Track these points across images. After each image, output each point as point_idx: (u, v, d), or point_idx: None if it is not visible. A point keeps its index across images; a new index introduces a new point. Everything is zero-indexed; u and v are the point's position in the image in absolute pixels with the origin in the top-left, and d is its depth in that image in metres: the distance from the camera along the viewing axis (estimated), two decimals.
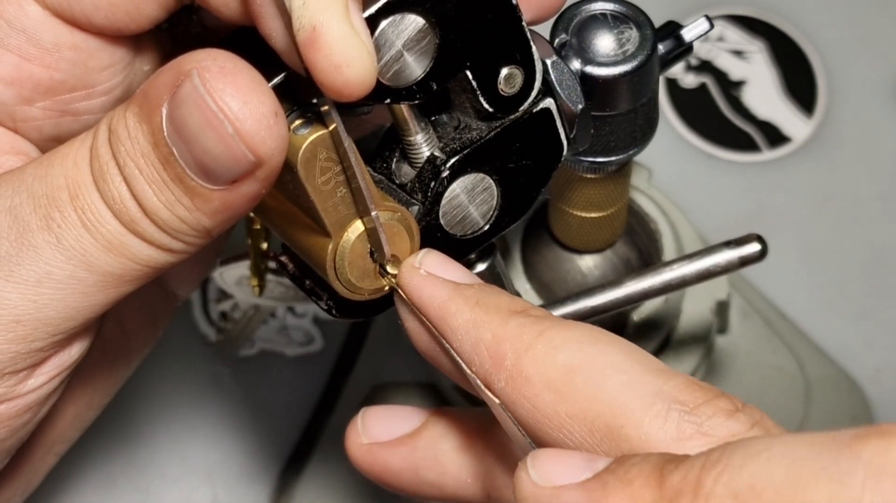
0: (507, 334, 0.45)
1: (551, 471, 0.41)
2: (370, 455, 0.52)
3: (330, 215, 0.47)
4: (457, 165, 0.50)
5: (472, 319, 0.45)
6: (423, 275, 0.48)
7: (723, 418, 0.41)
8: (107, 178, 0.45)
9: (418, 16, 0.46)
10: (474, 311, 0.46)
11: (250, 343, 0.84)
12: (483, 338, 0.45)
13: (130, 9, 0.48)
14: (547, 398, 0.43)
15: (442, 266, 0.48)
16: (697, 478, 0.38)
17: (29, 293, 0.46)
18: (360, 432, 0.52)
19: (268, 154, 0.43)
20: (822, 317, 0.85)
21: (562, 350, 0.44)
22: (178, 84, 0.43)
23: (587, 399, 0.43)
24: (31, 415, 0.50)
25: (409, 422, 0.52)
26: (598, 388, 0.43)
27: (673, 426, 0.41)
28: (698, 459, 0.39)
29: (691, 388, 0.42)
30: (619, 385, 0.43)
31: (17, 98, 0.50)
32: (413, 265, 0.48)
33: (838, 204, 0.89)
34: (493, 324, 0.45)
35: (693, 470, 0.38)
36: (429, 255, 0.49)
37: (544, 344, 0.44)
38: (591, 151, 0.57)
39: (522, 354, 0.44)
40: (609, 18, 0.55)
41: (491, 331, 0.45)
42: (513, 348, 0.44)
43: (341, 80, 0.42)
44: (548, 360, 0.44)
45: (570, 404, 0.43)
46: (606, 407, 0.43)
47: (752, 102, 0.93)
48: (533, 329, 0.45)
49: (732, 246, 0.60)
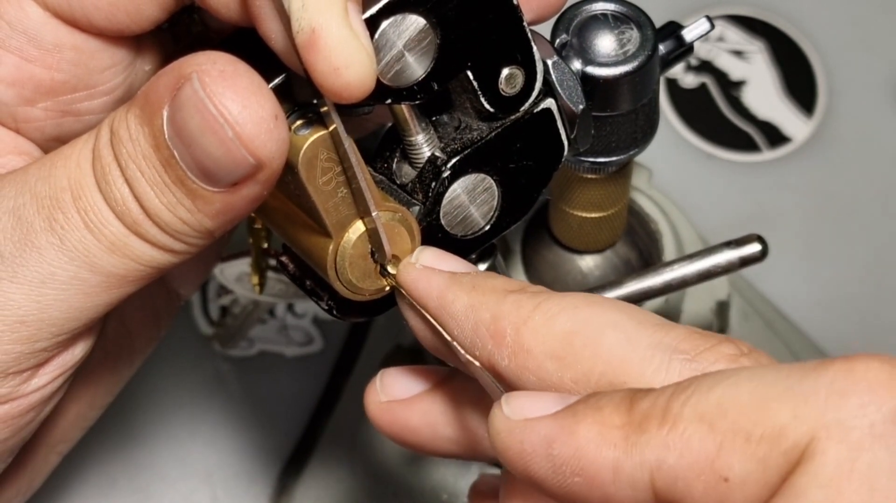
0: (505, 311, 0.45)
1: (524, 405, 0.42)
2: (389, 412, 0.51)
3: (331, 215, 0.47)
4: (458, 166, 0.50)
5: (469, 303, 0.46)
6: (419, 268, 0.48)
7: (726, 363, 0.41)
8: (109, 180, 0.45)
9: (419, 16, 0.46)
10: (471, 295, 0.46)
11: (250, 343, 0.84)
12: (482, 319, 0.45)
13: (131, 9, 0.48)
14: (550, 367, 0.43)
15: (438, 259, 0.48)
16: (666, 402, 0.39)
17: (32, 294, 0.46)
18: (379, 390, 0.52)
19: (268, 157, 0.43)
20: (822, 317, 0.85)
21: (558, 317, 0.44)
22: (178, 87, 0.43)
23: (588, 361, 0.43)
24: (34, 414, 0.50)
25: (427, 381, 0.52)
26: (597, 348, 0.43)
27: (675, 376, 0.42)
28: (668, 387, 0.39)
29: (692, 337, 0.42)
30: (618, 341, 0.43)
31: (18, 99, 0.50)
32: (409, 262, 0.48)
33: (838, 204, 0.89)
34: (490, 304, 0.45)
35: (662, 396, 0.39)
36: (424, 251, 0.49)
37: (541, 314, 0.44)
38: (591, 152, 0.57)
39: (521, 327, 0.44)
40: (610, 19, 0.55)
41: (489, 311, 0.45)
42: (511, 323, 0.44)
43: (340, 82, 0.43)
44: (546, 329, 0.44)
45: (573, 369, 0.43)
46: (608, 365, 0.43)
47: (752, 102, 0.93)
48: (529, 302, 0.45)
49: (733, 246, 0.60)
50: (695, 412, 0.38)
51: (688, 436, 0.38)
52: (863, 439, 0.37)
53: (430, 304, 0.47)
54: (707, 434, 0.38)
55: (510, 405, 0.42)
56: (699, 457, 0.38)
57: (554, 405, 0.41)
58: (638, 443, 0.39)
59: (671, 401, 0.39)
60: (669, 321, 0.44)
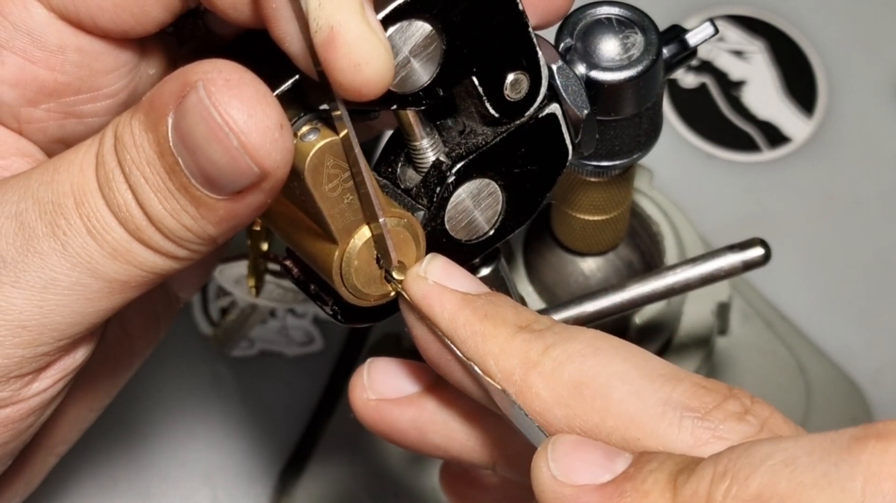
0: (514, 349, 0.45)
1: (570, 466, 0.42)
2: (376, 411, 0.51)
3: (336, 221, 0.47)
4: (462, 170, 0.50)
5: (480, 332, 0.46)
6: (430, 285, 0.48)
7: (735, 422, 0.42)
8: (112, 186, 0.45)
9: (425, 22, 0.46)
10: (483, 324, 0.46)
11: (250, 343, 0.84)
12: (491, 352, 0.46)
13: (136, 11, 0.48)
14: (558, 413, 0.44)
15: (448, 274, 0.48)
16: (708, 491, 0.39)
17: (35, 299, 0.46)
18: (366, 386, 0.51)
19: (273, 166, 0.43)
20: (822, 318, 0.85)
21: (567, 366, 0.44)
22: (183, 94, 0.43)
23: (598, 413, 0.43)
24: (34, 418, 0.50)
25: (417, 381, 0.52)
26: (607, 402, 0.43)
27: (688, 433, 0.42)
28: (708, 468, 0.40)
29: (699, 393, 0.43)
30: (627, 396, 0.43)
31: (21, 100, 0.50)
32: (419, 274, 0.48)
33: (839, 204, 0.89)
34: (500, 339, 0.46)
35: (703, 482, 0.39)
36: (433, 262, 0.49)
37: (550, 360, 0.45)
38: (595, 155, 0.57)
39: (530, 370, 0.45)
40: (614, 23, 0.55)
41: (498, 346, 0.46)
42: (520, 364, 0.45)
43: (360, 78, 0.42)
44: (555, 377, 0.44)
45: (583, 419, 0.44)
46: (619, 420, 0.43)
47: (752, 102, 0.93)
48: (538, 345, 0.45)
49: (736, 250, 0.60)
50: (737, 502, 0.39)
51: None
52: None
53: (438, 324, 0.47)
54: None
55: (556, 460, 0.42)
56: None
57: (601, 468, 0.42)
58: None
59: (712, 489, 0.39)
60: (674, 369, 0.44)
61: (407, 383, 0.52)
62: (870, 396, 0.82)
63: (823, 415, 0.80)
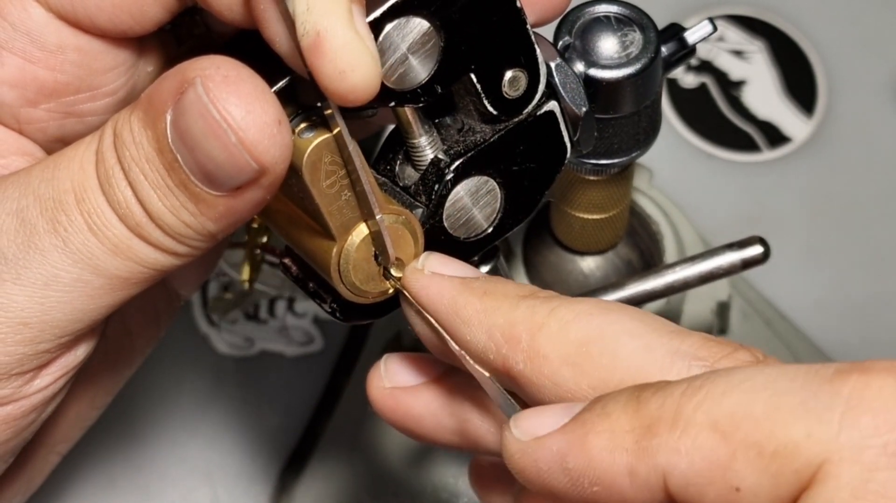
0: (519, 317, 0.45)
1: (531, 424, 0.42)
2: (392, 399, 0.51)
3: (334, 218, 0.47)
4: (461, 168, 0.50)
5: (482, 308, 0.46)
6: (428, 274, 0.48)
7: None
8: (112, 183, 0.45)
9: (423, 19, 0.46)
10: (483, 301, 0.46)
11: (250, 343, 0.84)
12: (496, 324, 0.45)
13: (134, 11, 0.48)
14: (566, 373, 0.44)
15: (445, 264, 0.49)
16: (677, 404, 0.39)
17: (36, 296, 0.46)
18: (383, 376, 0.52)
19: (271, 162, 0.43)
20: (822, 318, 0.85)
21: (573, 324, 0.44)
22: (182, 91, 0.43)
23: (606, 368, 0.43)
24: (35, 415, 0.50)
25: (431, 370, 0.52)
26: (614, 356, 0.43)
27: None
28: (679, 385, 0.39)
29: (709, 345, 0.42)
30: (636, 350, 0.43)
31: (21, 100, 0.50)
32: (416, 267, 0.48)
33: (838, 204, 0.89)
34: (503, 309, 0.45)
35: (671, 396, 0.39)
36: (431, 257, 0.49)
37: (556, 320, 0.44)
38: (594, 153, 0.57)
39: (536, 333, 0.44)
40: (613, 21, 0.55)
41: (503, 317, 0.45)
42: (526, 329, 0.45)
43: (345, 85, 0.42)
44: (562, 336, 0.44)
45: (591, 376, 0.43)
46: (627, 373, 0.43)
47: (752, 102, 0.93)
48: (543, 308, 0.45)
49: (735, 248, 0.60)
50: (707, 418, 0.38)
51: (699, 444, 0.38)
52: (877, 459, 0.36)
53: (440, 310, 0.47)
54: (719, 443, 0.38)
55: (518, 426, 0.42)
56: (711, 466, 0.38)
57: (560, 417, 0.41)
58: (649, 447, 0.39)
59: (682, 403, 0.39)
60: (683, 328, 0.44)
61: (421, 373, 0.52)
62: None
63: None
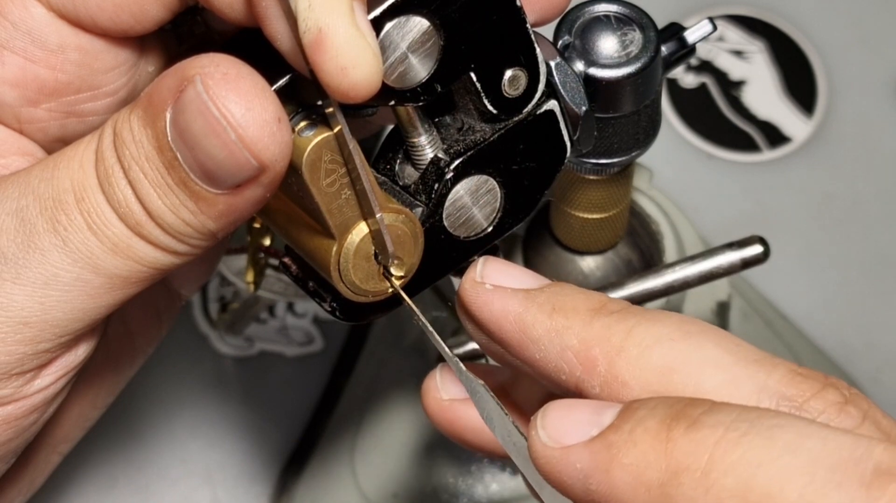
0: (594, 338, 0.43)
1: (559, 428, 0.40)
2: (450, 411, 0.51)
3: (334, 217, 0.47)
4: (461, 167, 0.50)
5: (553, 327, 0.44)
6: (489, 289, 0.46)
7: (834, 413, 0.40)
8: (112, 182, 0.45)
9: (423, 18, 0.46)
10: (553, 319, 0.44)
11: (250, 343, 0.84)
12: (570, 345, 0.44)
13: (135, 10, 0.48)
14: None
15: (505, 273, 0.47)
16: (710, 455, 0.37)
17: (36, 295, 0.46)
18: (439, 387, 0.51)
19: (271, 160, 0.43)
20: (822, 318, 0.85)
21: (654, 350, 0.42)
22: (181, 89, 0.43)
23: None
24: (37, 415, 0.50)
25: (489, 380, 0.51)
26: (698, 389, 0.41)
27: None
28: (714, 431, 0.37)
29: (796, 381, 0.41)
30: (721, 383, 0.41)
31: (22, 99, 0.50)
32: (475, 279, 0.47)
33: (838, 204, 0.89)
34: (576, 330, 0.44)
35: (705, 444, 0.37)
36: (489, 264, 0.48)
37: (635, 345, 0.43)
38: (594, 153, 0.57)
39: (615, 358, 0.43)
40: (612, 20, 0.55)
41: (577, 337, 0.44)
42: (603, 352, 0.43)
43: (347, 82, 0.42)
44: (642, 363, 0.42)
45: None
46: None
47: (752, 102, 0.93)
48: (620, 328, 0.43)
49: (735, 248, 0.60)
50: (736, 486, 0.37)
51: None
52: None
53: (505, 328, 0.45)
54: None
55: (546, 427, 0.40)
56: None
57: (588, 424, 0.40)
58: (673, 496, 0.37)
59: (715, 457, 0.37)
60: (768, 354, 0.42)
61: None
62: (870, 396, 0.82)
63: None
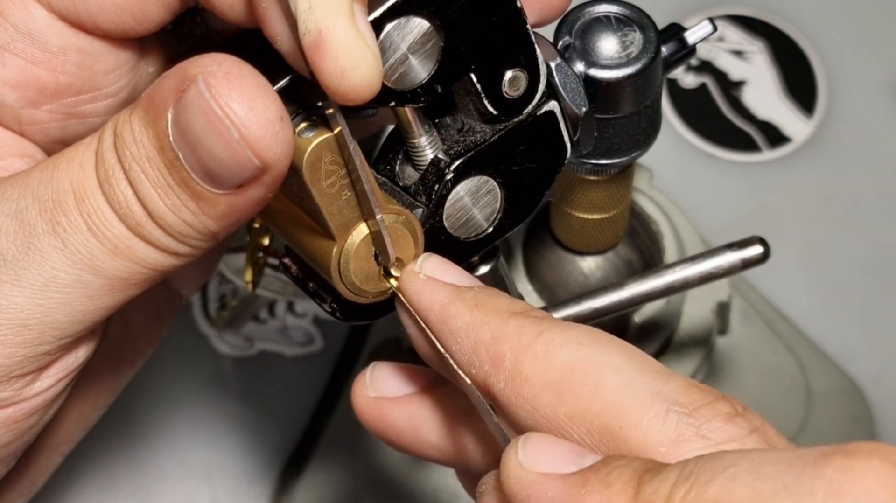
0: (506, 335, 0.45)
1: (539, 457, 0.41)
2: (375, 408, 0.51)
3: (335, 218, 0.47)
4: (461, 168, 0.50)
5: (471, 321, 0.46)
6: (422, 279, 0.48)
7: (721, 422, 0.42)
8: (112, 182, 0.45)
9: (423, 19, 0.46)
10: (473, 313, 0.46)
11: (250, 343, 0.84)
12: (482, 339, 0.45)
13: (136, 11, 0.48)
14: (546, 398, 0.44)
15: (442, 269, 0.48)
16: (669, 491, 0.39)
17: (36, 297, 0.46)
18: (368, 385, 0.52)
19: (273, 159, 0.43)
20: (822, 318, 0.85)
21: (561, 350, 0.44)
22: (183, 89, 0.43)
23: (586, 399, 0.43)
24: (37, 417, 0.50)
25: (416, 382, 0.52)
26: (596, 389, 0.43)
27: (672, 427, 0.42)
28: (673, 471, 0.39)
29: (690, 391, 0.43)
30: (618, 385, 0.43)
31: (22, 101, 0.50)
32: (413, 270, 0.48)
33: (839, 204, 0.89)
34: (492, 326, 0.45)
35: (666, 482, 0.39)
36: (429, 260, 0.49)
37: (543, 344, 0.44)
38: (594, 153, 0.57)
39: (521, 354, 0.44)
40: (613, 21, 0.55)
41: (490, 332, 0.45)
42: (511, 348, 0.44)
43: (347, 84, 0.42)
44: (546, 360, 0.44)
45: (569, 404, 0.43)
46: (605, 407, 0.43)
47: (752, 102, 0.93)
48: (532, 329, 0.45)
49: (735, 248, 0.60)
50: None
51: None
52: None
53: (430, 317, 0.47)
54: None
55: (526, 451, 0.42)
56: None
57: (568, 461, 0.41)
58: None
59: (673, 490, 0.39)
60: (669, 370, 0.43)
61: (406, 384, 0.52)
62: (870, 396, 0.82)
63: (824, 415, 0.80)
